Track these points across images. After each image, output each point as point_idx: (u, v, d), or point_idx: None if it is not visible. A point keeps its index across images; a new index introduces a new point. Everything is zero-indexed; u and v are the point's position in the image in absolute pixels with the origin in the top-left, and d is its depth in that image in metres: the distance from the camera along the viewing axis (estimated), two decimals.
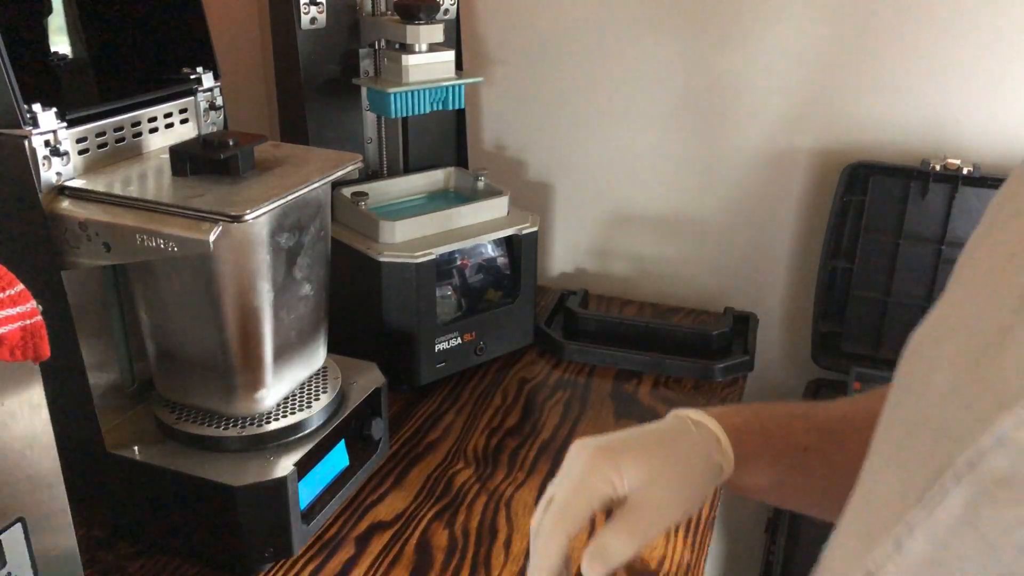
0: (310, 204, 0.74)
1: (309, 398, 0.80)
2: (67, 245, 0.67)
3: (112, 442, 0.74)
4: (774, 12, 1.12)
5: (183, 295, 0.71)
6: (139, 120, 0.75)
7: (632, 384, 1.06)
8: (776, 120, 1.17)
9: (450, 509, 0.83)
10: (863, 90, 1.11)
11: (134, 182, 0.69)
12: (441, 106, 1.03)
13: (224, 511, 0.71)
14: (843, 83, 1.12)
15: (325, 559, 0.77)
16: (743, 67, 1.16)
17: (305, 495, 0.75)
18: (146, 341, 0.76)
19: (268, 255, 0.70)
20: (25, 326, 0.50)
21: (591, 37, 1.21)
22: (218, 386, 0.74)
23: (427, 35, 0.99)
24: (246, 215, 0.62)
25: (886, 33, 1.06)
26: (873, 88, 1.10)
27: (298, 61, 0.99)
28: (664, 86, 1.20)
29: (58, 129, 0.65)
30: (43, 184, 0.65)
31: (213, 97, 0.82)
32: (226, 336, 0.70)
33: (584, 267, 1.34)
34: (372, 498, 0.85)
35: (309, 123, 1.02)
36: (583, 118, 1.26)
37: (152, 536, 0.76)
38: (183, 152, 0.70)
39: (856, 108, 1.12)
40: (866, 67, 1.10)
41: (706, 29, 1.16)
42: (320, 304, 0.79)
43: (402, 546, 0.79)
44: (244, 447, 0.74)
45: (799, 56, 1.12)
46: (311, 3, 0.98)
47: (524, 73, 1.26)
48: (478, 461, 0.90)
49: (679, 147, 1.22)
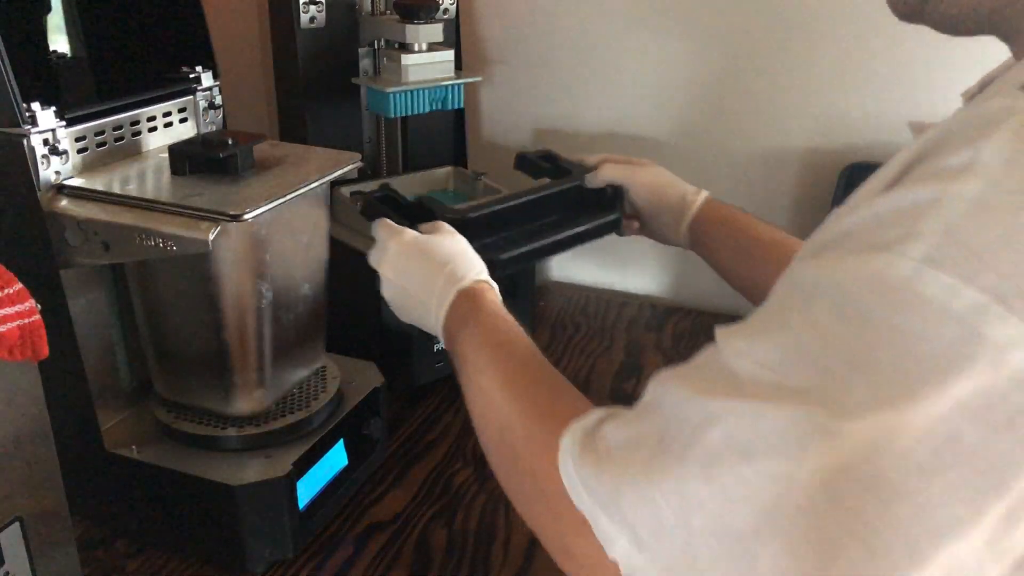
0: (309, 203, 0.74)
1: (308, 398, 0.80)
2: (66, 244, 0.67)
3: (111, 441, 0.74)
4: (773, 12, 1.12)
5: (182, 294, 0.71)
6: (138, 119, 0.75)
7: (631, 383, 1.06)
8: (775, 120, 1.17)
9: (449, 509, 0.83)
10: (862, 90, 1.11)
11: (133, 181, 0.69)
12: (440, 106, 1.03)
13: (223, 510, 0.71)
14: (843, 83, 1.12)
15: (324, 559, 0.77)
16: (743, 68, 1.16)
17: (304, 495, 0.75)
18: (145, 340, 0.76)
19: (267, 254, 0.70)
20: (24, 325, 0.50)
21: (590, 37, 1.21)
22: (217, 385, 0.73)
23: (426, 34, 0.99)
24: (245, 214, 0.62)
25: (886, 33, 1.06)
26: (873, 88, 1.10)
27: (297, 60, 0.99)
28: (663, 87, 1.20)
29: (57, 128, 0.65)
30: (42, 183, 0.65)
31: (212, 96, 0.82)
32: (225, 335, 0.70)
33: (583, 266, 1.34)
34: (371, 498, 0.84)
35: (308, 122, 1.02)
36: (582, 118, 1.26)
37: (150, 535, 0.76)
38: (182, 151, 0.70)
39: (855, 108, 1.12)
40: (866, 67, 1.10)
41: (705, 30, 1.16)
42: (319, 304, 0.79)
43: (401, 546, 0.79)
44: (243, 447, 0.74)
45: (799, 55, 1.12)
46: (310, 2, 0.98)
47: (524, 73, 1.26)
48: (477, 461, 0.90)
49: (678, 147, 1.22)
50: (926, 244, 0.33)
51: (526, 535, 0.80)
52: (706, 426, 0.37)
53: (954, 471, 0.32)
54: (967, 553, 0.33)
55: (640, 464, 0.40)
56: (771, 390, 0.35)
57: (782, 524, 0.34)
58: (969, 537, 0.33)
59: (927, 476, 0.32)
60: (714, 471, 0.36)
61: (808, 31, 1.11)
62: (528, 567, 0.76)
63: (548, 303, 1.27)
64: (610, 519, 0.41)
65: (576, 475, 0.43)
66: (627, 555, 0.40)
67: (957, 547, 0.33)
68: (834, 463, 0.33)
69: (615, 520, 0.41)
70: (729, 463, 0.36)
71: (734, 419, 0.36)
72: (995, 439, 0.32)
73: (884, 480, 0.33)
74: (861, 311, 0.34)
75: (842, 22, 1.09)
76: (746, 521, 0.35)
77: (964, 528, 0.33)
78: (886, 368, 0.33)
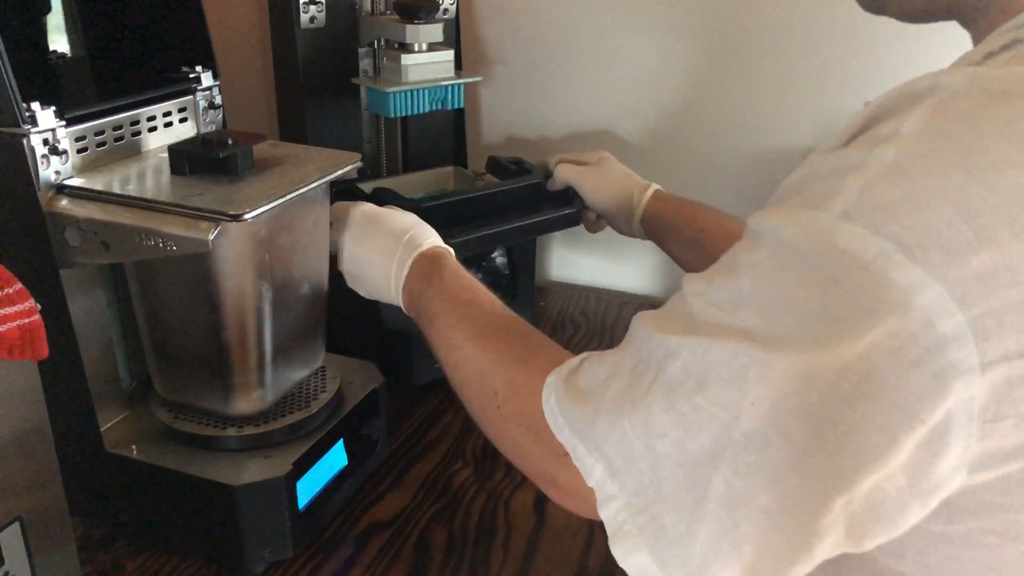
0: (309, 203, 0.74)
1: (308, 398, 0.80)
2: (66, 244, 0.67)
3: (110, 441, 0.74)
4: (775, 12, 1.12)
5: (182, 294, 0.71)
6: (138, 119, 0.75)
7: None
8: (776, 120, 1.17)
9: (449, 509, 0.83)
10: (862, 90, 1.11)
11: (133, 181, 0.69)
12: (440, 105, 1.03)
13: (222, 510, 0.71)
14: (843, 83, 1.12)
15: (323, 559, 0.77)
16: (744, 67, 1.16)
17: (303, 495, 0.75)
18: (144, 340, 0.76)
19: (267, 254, 0.70)
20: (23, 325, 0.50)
21: (590, 37, 1.21)
22: (216, 385, 0.73)
23: (426, 34, 0.99)
24: (245, 214, 0.62)
25: (886, 32, 1.06)
26: (873, 88, 1.10)
27: (297, 60, 0.99)
28: (663, 86, 1.20)
29: (57, 128, 0.65)
30: (42, 183, 0.65)
31: (212, 96, 0.82)
32: (224, 335, 0.70)
33: (583, 266, 1.34)
34: (370, 498, 0.84)
35: (308, 122, 1.02)
36: (582, 118, 1.26)
37: (150, 535, 0.76)
38: (182, 151, 0.70)
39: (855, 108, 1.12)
40: (866, 66, 1.10)
41: (706, 30, 1.16)
42: (319, 303, 0.79)
43: (400, 546, 0.78)
44: (242, 446, 0.74)
45: (799, 56, 1.12)
46: (310, 2, 0.98)
47: (524, 73, 1.26)
48: (476, 461, 0.90)
49: (678, 148, 1.22)
50: (845, 200, 0.37)
51: (526, 535, 0.80)
52: (667, 360, 0.41)
53: (871, 403, 0.36)
54: (889, 485, 0.37)
55: (613, 397, 0.44)
56: (719, 328, 0.40)
57: (731, 449, 0.39)
58: (887, 466, 0.37)
59: (849, 407, 0.36)
60: (674, 401, 0.40)
61: (809, 32, 1.11)
62: (528, 567, 0.76)
63: (548, 303, 1.27)
64: (587, 449, 0.45)
65: (558, 408, 0.48)
66: (601, 484, 0.45)
67: (878, 475, 0.37)
68: (771, 394, 0.37)
69: (591, 450, 0.45)
70: (686, 393, 0.40)
71: (688, 353, 0.40)
72: (907, 375, 0.35)
73: (814, 411, 0.37)
74: (793, 259, 0.38)
75: (843, 22, 1.09)
76: (702, 446, 0.39)
77: (882, 455, 0.36)
78: (811, 310, 0.37)
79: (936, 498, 0.38)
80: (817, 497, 0.37)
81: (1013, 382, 0.35)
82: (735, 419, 0.38)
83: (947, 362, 0.35)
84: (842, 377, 0.36)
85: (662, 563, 0.42)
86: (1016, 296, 0.34)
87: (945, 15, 0.49)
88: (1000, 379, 0.35)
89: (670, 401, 0.41)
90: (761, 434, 0.38)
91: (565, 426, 0.47)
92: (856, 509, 0.38)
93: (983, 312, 0.34)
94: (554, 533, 0.80)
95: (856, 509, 0.38)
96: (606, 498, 0.44)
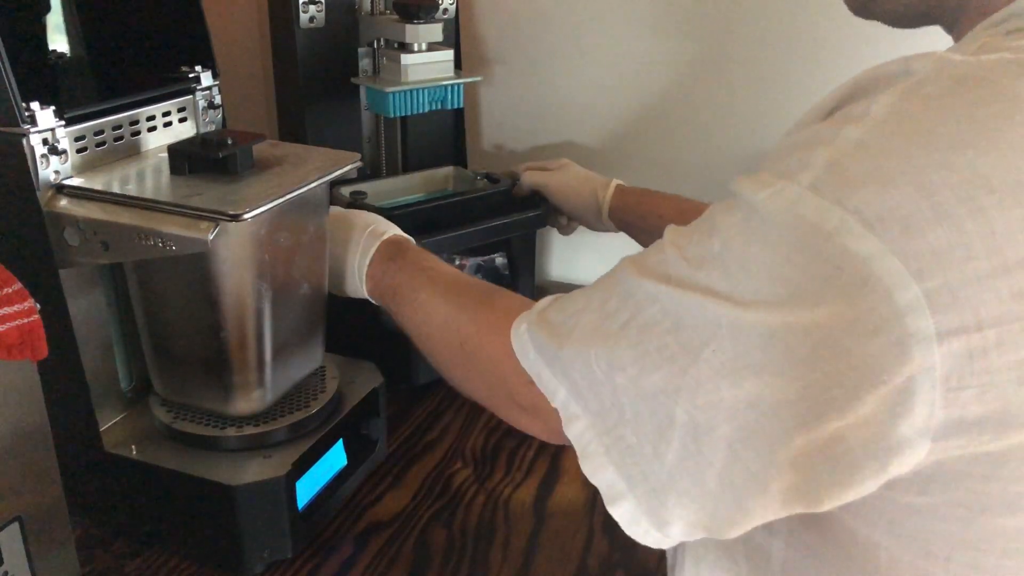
0: (309, 203, 0.73)
1: (307, 398, 0.80)
2: (65, 244, 0.67)
3: (110, 441, 0.74)
4: (777, 14, 1.12)
5: (181, 294, 0.71)
6: (137, 119, 0.75)
7: None
8: (777, 120, 1.16)
9: (448, 509, 0.83)
10: None
11: (132, 181, 0.69)
12: (440, 105, 1.03)
13: (222, 511, 0.71)
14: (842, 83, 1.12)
15: (323, 559, 0.76)
16: (745, 69, 1.16)
17: (303, 495, 0.75)
18: (144, 340, 0.76)
19: (266, 254, 0.69)
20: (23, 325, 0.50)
21: (591, 37, 1.21)
22: (216, 385, 0.73)
23: (426, 34, 0.99)
24: (245, 214, 0.62)
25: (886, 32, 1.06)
26: None
27: (297, 60, 0.99)
28: (663, 87, 1.20)
29: (56, 127, 0.65)
30: (41, 182, 0.65)
31: (212, 96, 0.82)
32: (224, 335, 0.70)
33: (583, 266, 1.34)
34: (370, 498, 0.84)
35: (308, 122, 1.02)
36: (582, 118, 1.26)
37: (149, 535, 0.76)
38: (181, 151, 0.70)
39: None
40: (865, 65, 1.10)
41: (706, 31, 1.16)
42: (318, 303, 0.79)
43: (400, 546, 0.78)
44: (242, 446, 0.74)
45: (801, 57, 1.12)
46: (310, 2, 0.98)
47: (524, 73, 1.26)
48: (476, 461, 0.90)
49: (678, 148, 1.22)
50: (813, 174, 0.39)
51: (526, 535, 0.80)
52: (646, 303, 0.44)
53: (830, 364, 0.38)
54: (850, 435, 0.38)
55: (583, 329, 0.47)
56: (688, 281, 0.42)
57: (686, 389, 0.41)
58: (847, 417, 0.38)
59: (809, 366, 0.38)
60: (643, 339, 0.43)
61: (810, 32, 1.11)
62: (528, 567, 0.76)
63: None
64: (552, 373, 0.48)
65: (528, 336, 0.51)
66: (565, 404, 0.48)
67: (838, 424, 0.38)
68: (735, 346, 0.39)
69: (556, 373, 0.48)
70: (659, 334, 0.42)
71: (666, 299, 0.43)
72: (866, 343, 0.37)
73: (775, 365, 0.39)
74: (761, 225, 0.40)
75: (843, 22, 1.09)
76: (654, 384, 0.42)
77: (841, 407, 0.38)
78: (773, 274, 0.39)
79: (894, 464, 0.39)
80: (777, 431, 0.39)
81: (974, 354, 0.36)
82: (693, 362, 0.41)
83: (905, 331, 0.36)
84: (802, 341, 0.38)
85: (629, 478, 0.44)
86: (971, 271, 0.35)
87: (926, 19, 0.51)
88: (960, 350, 0.36)
89: (640, 338, 0.43)
90: (721, 379, 0.40)
91: (532, 351, 0.50)
92: (814, 455, 0.39)
93: (938, 285, 0.36)
94: (554, 533, 0.80)
95: (814, 455, 0.39)
96: (571, 417, 0.47)
